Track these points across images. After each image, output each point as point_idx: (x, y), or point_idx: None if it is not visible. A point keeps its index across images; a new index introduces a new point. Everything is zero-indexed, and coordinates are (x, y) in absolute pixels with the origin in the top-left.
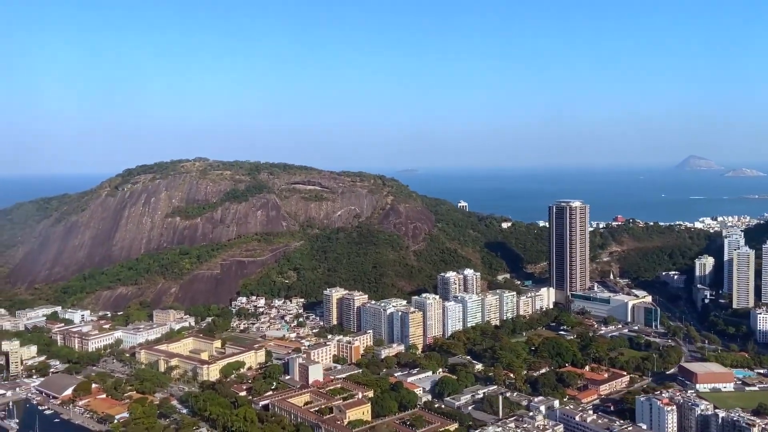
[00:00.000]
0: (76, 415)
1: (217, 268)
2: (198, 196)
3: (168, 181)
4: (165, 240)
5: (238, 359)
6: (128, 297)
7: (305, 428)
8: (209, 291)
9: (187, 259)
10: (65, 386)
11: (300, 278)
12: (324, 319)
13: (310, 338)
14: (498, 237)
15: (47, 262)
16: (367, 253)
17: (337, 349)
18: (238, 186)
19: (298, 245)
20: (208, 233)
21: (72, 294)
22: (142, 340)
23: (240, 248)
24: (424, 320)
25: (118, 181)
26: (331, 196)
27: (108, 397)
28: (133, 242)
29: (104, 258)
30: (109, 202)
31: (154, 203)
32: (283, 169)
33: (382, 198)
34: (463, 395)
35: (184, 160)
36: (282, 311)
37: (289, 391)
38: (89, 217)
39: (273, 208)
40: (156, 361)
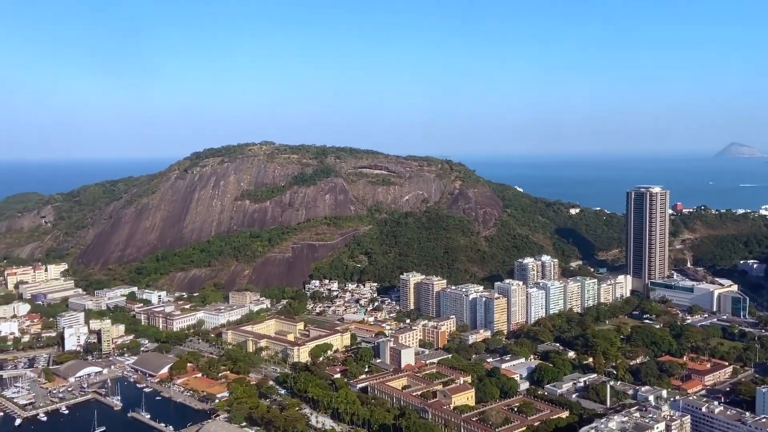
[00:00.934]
0: (176, 393)
1: (288, 251)
2: (266, 180)
3: (236, 164)
4: (235, 223)
5: (326, 341)
6: (202, 278)
7: (411, 412)
8: (282, 274)
9: (258, 242)
10: (160, 365)
11: (372, 262)
12: (400, 303)
13: (390, 322)
14: (567, 223)
15: (119, 243)
16: (437, 238)
17: (423, 333)
18: (305, 170)
19: (367, 229)
20: (278, 216)
21: (146, 275)
22: (224, 320)
23: (309, 232)
24: (508, 306)
25: (186, 164)
26: (399, 181)
27: (203, 376)
28: (203, 224)
29: (175, 240)
30: (178, 185)
31: (223, 186)
32: (350, 153)
33: (449, 183)
34: (564, 383)
35: (251, 143)
36: (356, 295)
37: (384, 374)
38: (159, 199)
39: (341, 192)
40: (244, 341)
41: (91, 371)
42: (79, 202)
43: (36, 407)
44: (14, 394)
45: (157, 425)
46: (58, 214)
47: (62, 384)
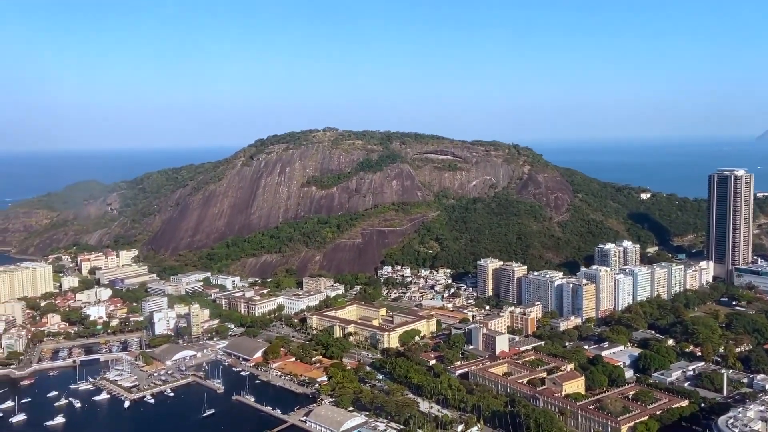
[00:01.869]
0: (274, 377)
1: (358, 237)
2: (331, 166)
3: (301, 150)
4: (302, 209)
5: (413, 327)
6: (273, 264)
7: (520, 399)
8: (353, 260)
9: (327, 228)
10: (253, 349)
11: (443, 249)
12: (478, 289)
13: (471, 309)
14: (639, 208)
15: (188, 230)
16: (508, 224)
17: (511, 320)
18: (370, 155)
19: (435, 215)
20: (345, 203)
21: (218, 261)
22: (304, 306)
23: (378, 218)
24: (596, 293)
25: (252, 151)
26: (465, 166)
27: (297, 360)
28: (270, 211)
29: (243, 226)
30: (245, 172)
31: (289, 173)
32: (415, 138)
33: (518, 167)
34: (672, 371)
35: (314, 130)
36: (430, 281)
37: (481, 361)
38: (226, 186)
39: (407, 178)
40: (331, 327)
41: (185, 355)
42: (144, 189)
43: (141, 389)
44: (117, 377)
45: (263, 408)
46: (124, 201)
47: (160, 367)
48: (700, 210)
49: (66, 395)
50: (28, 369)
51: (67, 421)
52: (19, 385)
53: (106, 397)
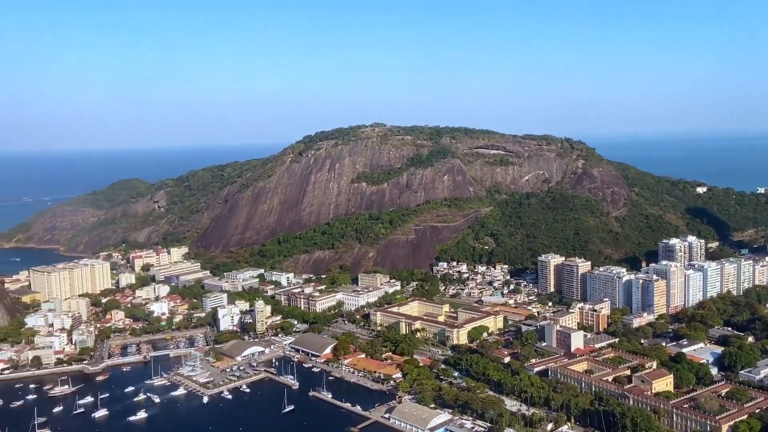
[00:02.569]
0: (347, 373)
1: (411, 233)
2: (381, 162)
3: (350, 146)
4: (353, 205)
5: (481, 324)
6: (326, 261)
7: (608, 398)
8: (407, 256)
9: (380, 225)
10: (322, 345)
11: (499, 244)
12: (539, 285)
13: (535, 305)
14: (697, 202)
15: (238, 227)
16: (565, 219)
17: (580, 316)
18: (420, 151)
19: (488, 211)
20: (396, 198)
21: (270, 257)
22: (363, 302)
23: (430, 213)
24: (667, 289)
25: (300, 147)
26: (517, 161)
27: (367, 357)
28: (321, 207)
29: (294, 222)
30: (294, 168)
31: (338, 169)
32: (465, 133)
33: (571, 162)
34: (760, 369)
35: (362, 126)
36: (487, 277)
37: (558, 358)
38: (276, 182)
39: (458, 173)
40: (396, 323)
41: (254, 351)
42: (189, 187)
43: (217, 385)
44: (191, 373)
45: (343, 404)
46: (170, 198)
47: (231, 363)
48: (758, 204)
49: (143, 391)
50: (100, 365)
51: (149, 416)
52: (94, 380)
53: (183, 392)
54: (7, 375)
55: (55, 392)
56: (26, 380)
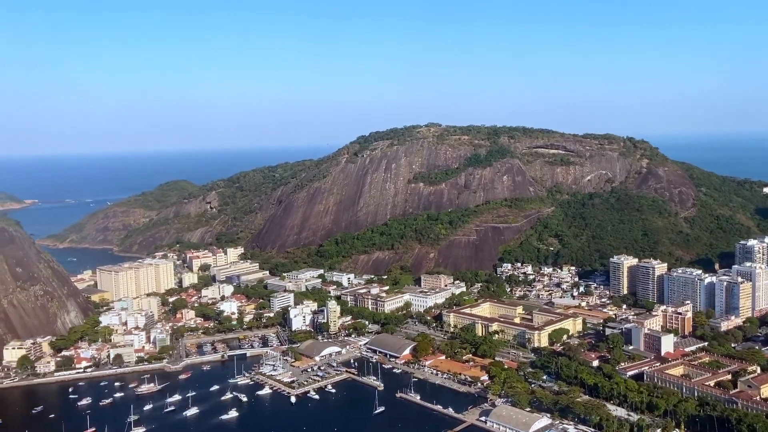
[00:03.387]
0: (430, 375)
1: (472, 233)
2: (438, 162)
3: (406, 147)
4: (410, 205)
5: (561, 326)
6: (386, 261)
7: (715, 403)
8: (469, 257)
9: (439, 225)
10: (400, 346)
11: (564, 245)
12: (611, 287)
13: (610, 307)
14: (765, 203)
15: (294, 227)
16: (631, 219)
17: (664, 319)
18: (478, 151)
19: (550, 211)
20: (454, 199)
21: (328, 258)
22: (431, 303)
23: (490, 214)
24: (753, 291)
25: (355, 148)
26: (579, 160)
27: (447, 358)
28: (378, 207)
29: (350, 223)
30: (349, 169)
31: (395, 169)
32: (523, 132)
33: (635, 161)
34: None
35: (417, 126)
36: (554, 279)
37: (649, 362)
38: (331, 183)
39: (518, 173)
40: (471, 324)
41: (332, 350)
42: (241, 187)
43: (301, 385)
44: (272, 372)
45: (434, 407)
46: (222, 199)
47: (310, 363)
48: None
49: (230, 389)
50: (180, 363)
51: (240, 415)
52: (177, 378)
53: (269, 391)
54: (90, 373)
55: (142, 390)
56: (109, 378)
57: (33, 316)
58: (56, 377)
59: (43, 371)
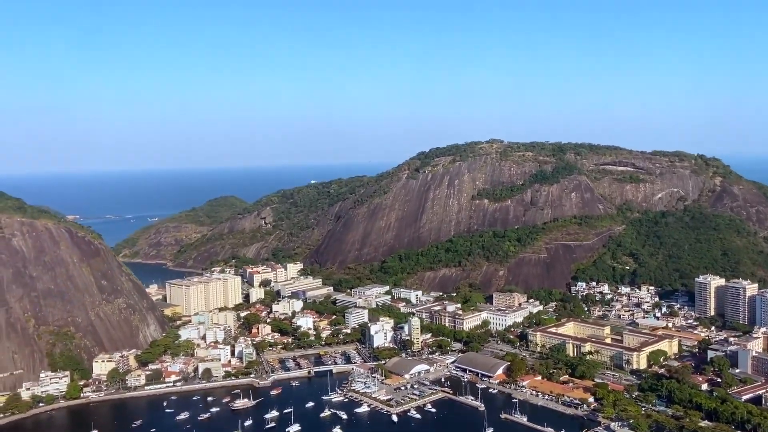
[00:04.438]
0: (530, 396)
1: (542, 251)
2: (502, 178)
3: (468, 163)
4: (475, 222)
5: (659, 347)
6: (453, 278)
7: None
8: (540, 275)
9: (508, 242)
10: (491, 366)
11: (641, 264)
12: (696, 308)
13: (700, 329)
14: None
15: (355, 243)
16: (708, 239)
17: (765, 342)
18: (543, 167)
19: (621, 229)
20: (520, 215)
21: (392, 274)
22: (510, 322)
23: (560, 231)
24: None
25: (416, 163)
26: (648, 178)
27: (543, 379)
28: (441, 224)
29: (413, 239)
30: (411, 185)
31: (458, 185)
32: (589, 149)
33: (707, 179)
34: None
35: (478, 142)
36: (633, 298)
37: (762, 386)
38: (393, 199)
39: (586, 190)
40: (560, 344)
41: (421, 368)
42: (295, 203)
43: (399, 403)
44: (365, 389)
45: (544, 429)
46: (277, 215)
47: (400, 381)
48: None
49: (327, 407)
50: (269, 378)
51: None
52: (269, 395)
53: (367, 409)
54: (180, 387)
55: (237, 406)
56: (199, 392)
57: (118, 329)
58: (146, 391)
59: (133, 384)
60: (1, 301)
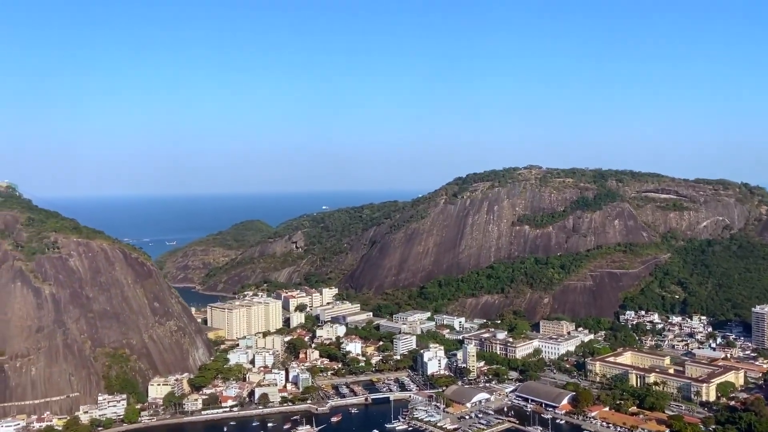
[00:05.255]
0: (602, 428)
1: (587, 279)
2: (542, 204)
3: (507, 188)
4: (515, 248)
5: (726, 379)
6: (496, 305)
7: None
8: (587, 302)
9: (551, 269)
10: (556, 396)
11: (691, 293)
12: (753, 339)
13: (763, 360)
14: None
15: (392, 268)
16: (758, 268)
17: None
18: (585, 194)
19: (667, 258)
20: (562, 242)
21: (432, 300)
22: (563, 350)
23: (604, 259)
24: None
25: (454, 189)
26: (692, 206)
27: (611, 410)
28: (480, 250)
29: (452, 265)
30: (449, 210)
31: (497, 211)
32: (631, 176)
33: (753, 207)
34: None
35: (516, 168)
36: (685, 328)
37: None
38: (430, 224)
39: (629, 218)
40: (622, 374)
41: (482, 397)
42: (327, 227)
43: None
44: (429, 417)
45: None
46: (308, 239)
47: (463, 410)
48: None
49: None
50: (327, 405)
51: None
52: (330, 422)
53: None
54: (237, 413)
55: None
56: (257, 418)
57: (170, 352)
58: (203, 416)
59: (190, 409)
60: (59, 321)
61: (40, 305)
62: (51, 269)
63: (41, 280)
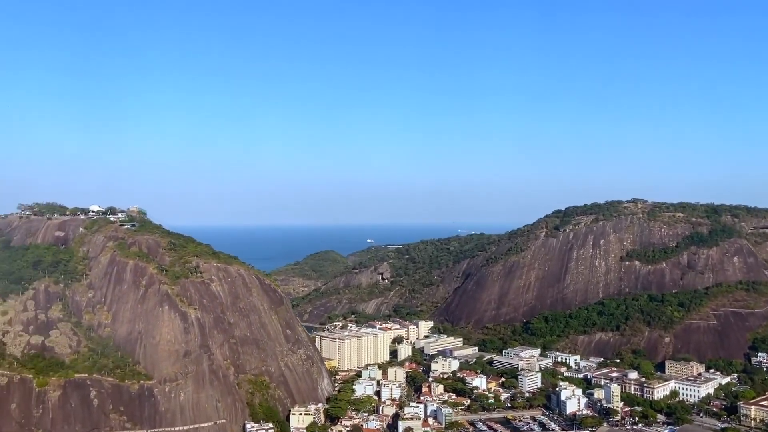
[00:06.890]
0: None
1: (710, 318)
2: (652, 239)
3: (613, 222)
4: (626, 284)
5: None
6: (611, 343)
7: None
8: (713, 343)
9: (669, 307)
10: None
11: None
12: None
13: None
14: None
15: (491, 302)
16: None
17: None
18: (698, 229)
19: None
20: (677, 279)
21: (539, 336)
22: (703, 393)
23: (726, 297)
24: None
25: (555, 221)
26: None
27: None
28: (588, 285)
29: (556, 300)
30: (551, 243)
31: (603, 245)
32: (747, 211)
33: None
34: None
35: (620, 201)
36: None
37: None
38: (531, 257)
39: (749, 255)
40: None
41: None
42: (413, 259)
43: None
44: None
45: None
46: (395, 270)
47: None
48: None
49: None
50: None
51: None
52: None
53: None
54: None
55: None
56: None
57: (302, 381)
58: None
59: None
60: (204, 346)
61: (187, 329)
62: (195, 294)
63: (187, 304)
